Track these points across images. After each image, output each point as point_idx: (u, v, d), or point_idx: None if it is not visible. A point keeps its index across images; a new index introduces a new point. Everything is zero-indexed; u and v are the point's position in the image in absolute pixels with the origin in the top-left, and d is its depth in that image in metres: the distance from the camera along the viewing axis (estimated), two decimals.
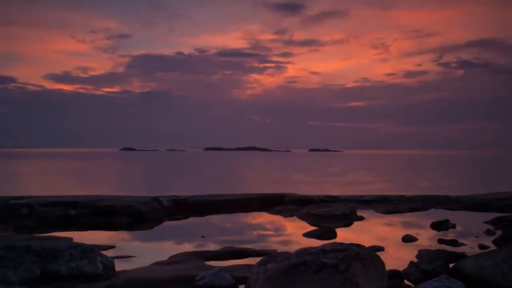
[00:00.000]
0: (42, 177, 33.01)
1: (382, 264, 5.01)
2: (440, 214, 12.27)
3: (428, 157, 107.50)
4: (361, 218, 11.67)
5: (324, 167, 51.45)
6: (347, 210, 11.74)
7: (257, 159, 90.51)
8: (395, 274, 5.98)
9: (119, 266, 6.49)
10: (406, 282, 5.93)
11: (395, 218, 12.02)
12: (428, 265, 6.12)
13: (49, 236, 8.76)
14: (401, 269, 6.34)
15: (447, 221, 10.65)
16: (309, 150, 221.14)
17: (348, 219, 11.18)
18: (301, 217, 11.69)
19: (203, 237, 9.31)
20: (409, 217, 12.26)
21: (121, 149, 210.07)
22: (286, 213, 12.43)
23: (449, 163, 67.10)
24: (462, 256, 6.98)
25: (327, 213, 11.30)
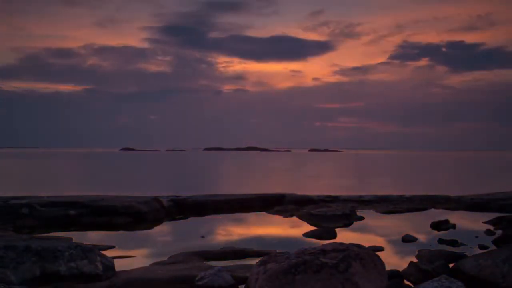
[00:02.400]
0: (42, 177, 33.00)
1: (382, 264, 5.01)
2: (440, 214, 12.28)
3: (418, 158, 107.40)
4: (361, 218, 11.67)
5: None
6: (347, 210, 11.74)
7: (257, 159, 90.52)
8: (395, 274, 5.98)
9: (119, 266, 6.48)
10: (406, 282, 5.93)
11: (395, 218, 12.02)
12: (428, 265, 6.12)
13: (49, 236, 8.77)
14: (401, 269, 6.35)
15: (447, 221, 10.65)
16: (309, 150, 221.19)
17: (348, 219, 11.17)
18: (301, 217, 11.69)
19: (203, 237, 9.31)
20: (409, 217, 12.27)
21: (121, 149, 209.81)
22: (286, 213, 12.43)
23: (446, 164, 67.07)
24: (462, 256, 6.98)
25: (327, 213, 11.30)
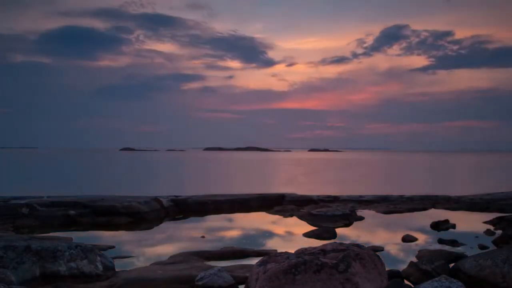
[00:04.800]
0: (43, 177, 32.99)
1: (382, 264, 5.01)
2: (440, 214, 12.28)
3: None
4: (361, 218, 11.67)
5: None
6: (347, 210, 11.74)
7: (257, 159, 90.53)
8: (395, 274, 5.98)
9: (119, 266, 6.49)
10: (406, 282, 5.93)
11: (395, 218, 12.02)
12: (428, 265, 6.11)
13: (49, 236, 8.78)
14: (401, 269, 6.35)
15: (447, 221, 10.66)
16: (308, 150, 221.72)
17: (348, 219, 11.17)
18: (301, 217, 11.69)
19: (203, 237, 9.32)
20: (409, 217, 12.27)
21: (120, 149, 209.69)
22: (286, 213, 12.43)
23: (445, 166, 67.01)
24: (462, 256, 6.99)
25: (327, 213, 11.30)
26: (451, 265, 6.35)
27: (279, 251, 6.81)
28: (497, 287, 5.32)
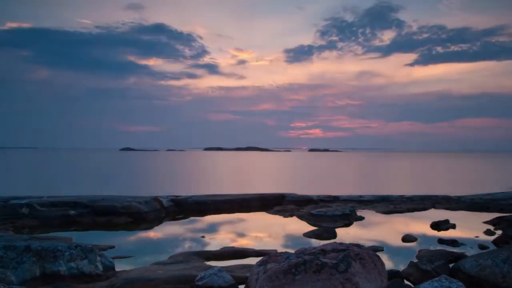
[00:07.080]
0: (43, 177, 32.99)
1: (382, 264, 5.01)
2: (440, 214, 12.29)
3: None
4: (361, 218, 11.67)
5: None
6: (347, 210, 11.74)
7: (257, 159, 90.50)
8: (395, 274, 5.98)
9: (119, 266, 6.49)
10: (406, 282, 5.93)
11: (395, 218, 12.02)
12: (428, 265, 6.11)
13: (49, 236, 8.78)
14: (401, 269, 6.35)
15: (447, 221, 10.66)
16: (308, 150, 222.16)
17: (348, 219, 11.18)
18: (301, 217, 11.69)
19: (203, 237, 9.32)
20: (409, 217, 12.27)
21: (120, 149, 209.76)
22: (286, 213, 12.43)
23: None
24: (462, 256, 6.99)
25: (327, 213, 11.30)
26: (451, 265, 6.35)
27: (279, 251, 6.82)
28: (497, 287, 5.33)
